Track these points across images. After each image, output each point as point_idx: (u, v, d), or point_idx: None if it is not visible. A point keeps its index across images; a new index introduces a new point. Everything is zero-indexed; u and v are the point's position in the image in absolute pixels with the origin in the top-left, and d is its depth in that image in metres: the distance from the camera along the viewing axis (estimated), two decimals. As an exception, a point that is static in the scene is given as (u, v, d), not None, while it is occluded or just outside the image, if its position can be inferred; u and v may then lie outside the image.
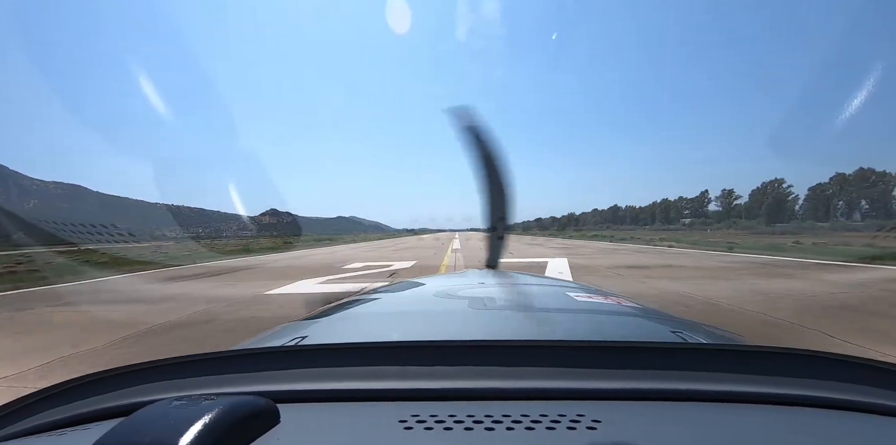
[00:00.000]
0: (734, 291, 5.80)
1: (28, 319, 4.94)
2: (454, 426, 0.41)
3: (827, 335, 3.52)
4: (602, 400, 0.48)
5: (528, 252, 15.90)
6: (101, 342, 3.69)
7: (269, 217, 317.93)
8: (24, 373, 2.93)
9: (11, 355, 3.39)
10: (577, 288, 1.35)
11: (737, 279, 7.00)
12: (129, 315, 4.89)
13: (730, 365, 0.53)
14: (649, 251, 15.31)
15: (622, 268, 9.31)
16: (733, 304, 4.89)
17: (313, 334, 0.83)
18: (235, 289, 7.05)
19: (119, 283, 8.70)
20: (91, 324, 4.52)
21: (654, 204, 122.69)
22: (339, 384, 0.51)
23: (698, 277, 7.44)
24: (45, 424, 0.50)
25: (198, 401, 0.39)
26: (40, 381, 2.76)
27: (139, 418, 0.37)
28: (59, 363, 3.15)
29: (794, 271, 8.09)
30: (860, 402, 0.47)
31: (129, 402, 0.50)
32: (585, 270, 9.15)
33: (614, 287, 4.60)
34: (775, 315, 4.27)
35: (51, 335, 4.07)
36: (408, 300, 1.20)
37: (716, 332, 0.90)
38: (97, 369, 0.55)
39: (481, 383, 0.50)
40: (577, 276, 7.93)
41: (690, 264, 9.87)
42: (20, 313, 5.33)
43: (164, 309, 5.25)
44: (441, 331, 0.82)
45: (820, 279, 7.01)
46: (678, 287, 6.24)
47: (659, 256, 12.94)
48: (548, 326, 0.84)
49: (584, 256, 13.49)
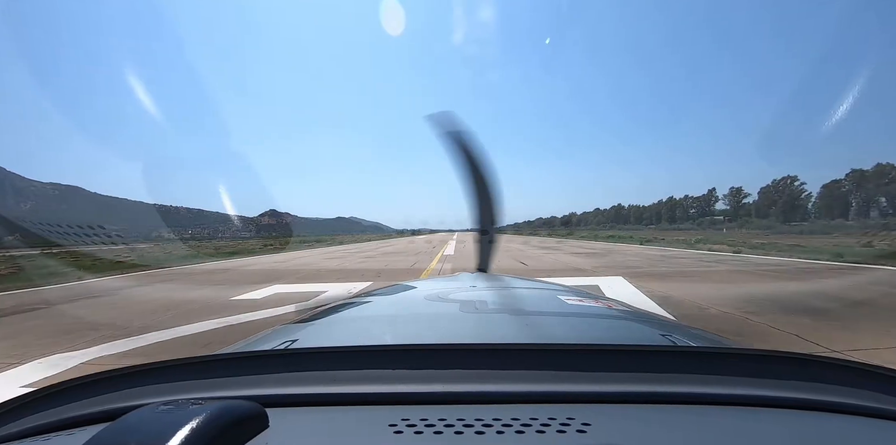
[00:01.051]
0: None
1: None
2: (444, 430, 0.41)
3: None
4: (592, 403, 0.48)
5: (545, 261, 12.25)
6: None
7: (268, 218, 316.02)
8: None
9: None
10: (568, 292, 1.34)
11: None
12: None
13: (719, 368, 0.53)
14: (726, 261, 10.81)
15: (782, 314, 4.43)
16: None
17: (303, 337, 0.81)
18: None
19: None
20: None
21: (660, 203, 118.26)
22: (328, 388, 0.51)
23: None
24: (28, 429, 0.49)
25: (185, 406, 0.38)
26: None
27: (125, 423, 0.36)
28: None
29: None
30: (850, 405, 0.47)
31: (114, 407, 0.49)
32: (699, 311, 4.68)
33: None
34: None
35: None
36: (399, 304, 1.21)
37: (705, 335, 0.91)
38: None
39: (472, 386, 0.50)
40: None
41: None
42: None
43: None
44: (432, 334, 0.82)
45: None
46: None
47: (761, 270, 8.54)
48: (539, 329, 0.84)
49: (648, 273, 8.41)
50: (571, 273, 8.71)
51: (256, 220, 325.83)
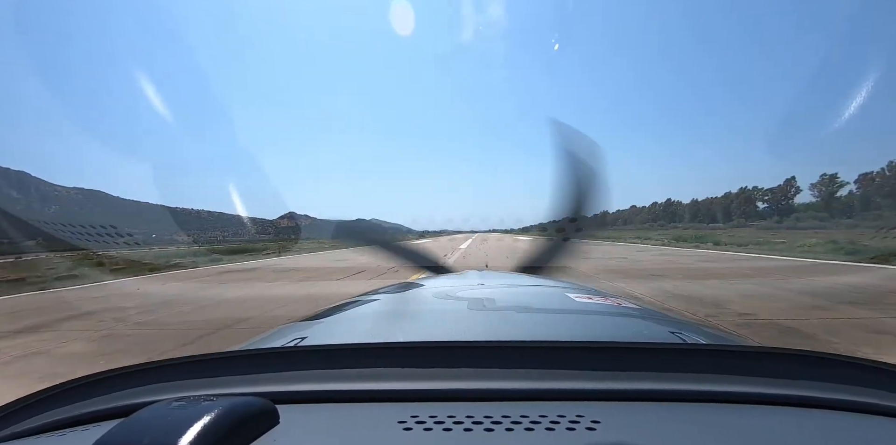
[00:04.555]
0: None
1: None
2: (453, 427, 0.41)
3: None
4: (601, 401, 0.48)
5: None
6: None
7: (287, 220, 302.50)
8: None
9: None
10: (577, 289, 1.32)
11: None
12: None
13: (729, 366, 0.53)
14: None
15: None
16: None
17: (312, 335, 0.82)
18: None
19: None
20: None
21: (728, 196, 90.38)
22: (338, 385, 0.51)
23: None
24: (46, 425, 0.49)
25: (197, 402, 0.39)
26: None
27: (138, 418, 0.37)
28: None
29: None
30: (860, 403, 0.47)
31: (128, 403, 0.50)
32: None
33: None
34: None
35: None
36: (407, 301, 1.19)
37: (716, 333, 0.89)
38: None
39: (480, 384, 0.50)
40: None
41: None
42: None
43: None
44: (440, 332, 0.81)
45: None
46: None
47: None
48: (547, 327, 0.83)
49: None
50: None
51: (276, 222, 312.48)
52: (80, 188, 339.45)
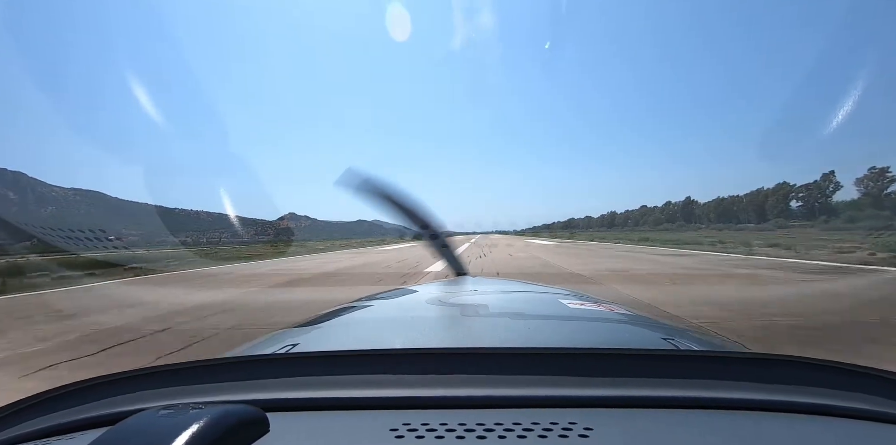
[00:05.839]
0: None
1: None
2: (445, 434, 0.41)
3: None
4: (594, 408, 0.47)
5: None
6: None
7: (286, 221, 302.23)
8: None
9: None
10: (570, 295, 1.29)
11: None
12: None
13: (722, 372, 0.52)
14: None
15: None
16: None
17: (304, 341, 0.81)
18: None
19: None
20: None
21: (760, 192, 79.63)
22: (329, 393, 0.51)
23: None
24: (30, 433, 0.48)
25: (185, 410, 0.38)
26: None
27: (125, 427, 0.36)
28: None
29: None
30: (853, 408, 0.47)
31: (115, 411, 0.49)
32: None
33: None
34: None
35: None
36: (400, 308, 1.18)
37: (709, 339, 0.88)
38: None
39: (473, 391, 0.49)
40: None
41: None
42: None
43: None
44: (433, 338, 0.79)
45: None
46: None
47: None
48: (540, 333, 0.81)
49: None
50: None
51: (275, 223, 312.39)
52: (78, 189, 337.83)
